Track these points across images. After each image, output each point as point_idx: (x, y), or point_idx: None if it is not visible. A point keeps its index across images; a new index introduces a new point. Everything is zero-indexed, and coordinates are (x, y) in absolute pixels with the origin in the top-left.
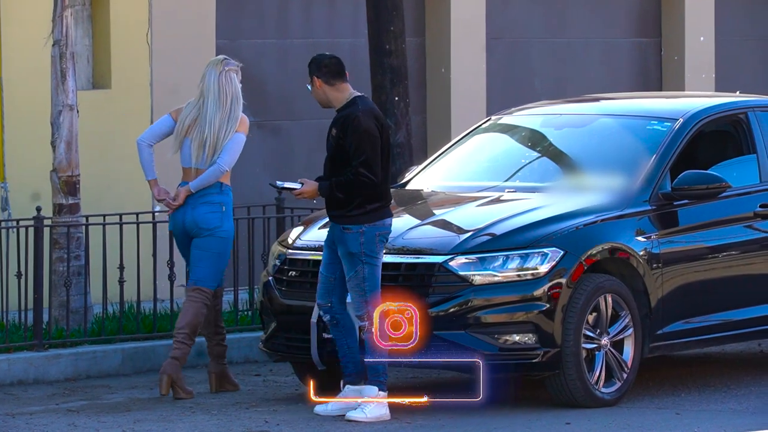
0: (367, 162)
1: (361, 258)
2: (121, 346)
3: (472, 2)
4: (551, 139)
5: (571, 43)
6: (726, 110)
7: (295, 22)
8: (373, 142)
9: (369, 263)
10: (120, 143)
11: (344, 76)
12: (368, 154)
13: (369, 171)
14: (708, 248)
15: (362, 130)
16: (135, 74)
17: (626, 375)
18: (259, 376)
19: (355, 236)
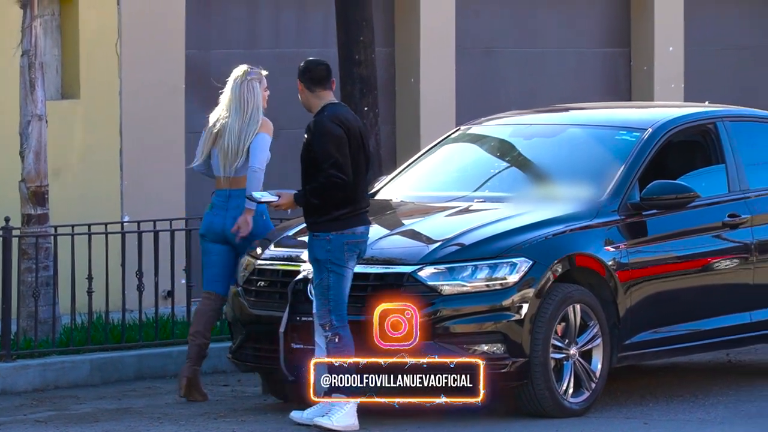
0: (337, 163)
1: (326, 266)
2: (89, 356)
3: (442, 12)
4: (520, 149)
5: (541, 53)
6: (695, 120)
7: (264, 32)
8: (338, 143)
9: (334, 272)
10: (89, 153)
11: (326, 84)
12: (336, 156)
13: (340, 171)
14: (676, 258)
15: (325, 133)
16: (104, 84)
17: (594, 385)
18: (227, 387)
19: (322, 243)
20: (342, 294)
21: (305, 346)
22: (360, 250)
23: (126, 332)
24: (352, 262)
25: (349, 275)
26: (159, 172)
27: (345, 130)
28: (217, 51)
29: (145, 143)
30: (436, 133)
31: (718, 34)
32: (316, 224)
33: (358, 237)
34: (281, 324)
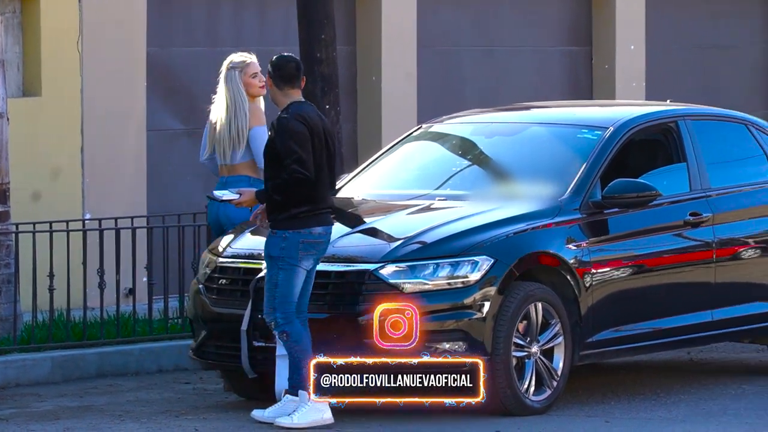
0: (300, 159)
1: (278, 263)
2: (50, 354)
3: (403, 10)
4: (482, 148)
5: (503, 51)
6: (656, 119)
7: (225, 30)
8: (300, 140)
9: (284, 269)
10: (51, 151)
11: (294, 83)
12: (298, 151)
13: (302, 167)
14: (638, 256)
15: (288, 131)
16: (65, 82)
17: (556, 383)
18: (189, 384)
19: (277, 240)
20: (290, 293)
21: (267, 344)
22: (317, 250)
23: (87, 330)
24: (307, 262)
25: (301, 275)
26: (120, 170)
27: (308, 129)
28: (179, 49)
29: (107, 141)
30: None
31: (679, 32)
32: (276, 222)
33: (315, 237)
34: (243, 322)
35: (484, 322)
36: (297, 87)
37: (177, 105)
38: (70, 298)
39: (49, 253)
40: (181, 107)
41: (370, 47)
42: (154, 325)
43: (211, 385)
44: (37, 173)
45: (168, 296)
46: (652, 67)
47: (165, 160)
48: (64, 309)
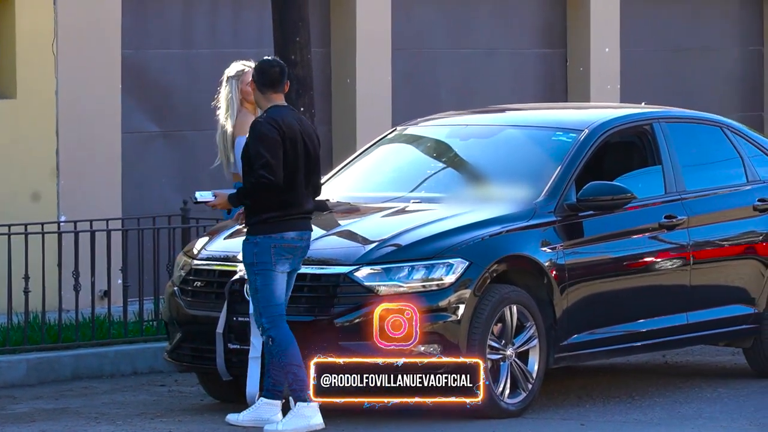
0: (267, 164)
1: (253, 268)
2: (25, 356)
3: (378, 13)
4: (457, 150)
5: (477, 53)
6: (631, 121)
7: (200, 32)
8: (270, 145)
9: (261, 274)
10: (25, 153)
11: (276, 88)
12: (267, 156)
13: (269, 173)
14: (613, 259)
15: (258, 134)
16: (40, 84)
17: (531, 386)
18: (164, 387)
19: (250, 246)
20: (271, 297)
21: (242, 346)
22: (293, 255)
23: (62, 332)
24: (282, 266)
25: (280, 279)
26: (96, 172)
27: (280, 133)
28: (154, 51)
29: (82, 143)
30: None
31: (654, 34)
32: (248, 226)
33: (288, 242)
34: (218, 324)
35: (459, 325)
36: (280, 91)
37: (152, 107)
38: (45, 300)
39: (24, 255)
40: (156, 109)
41: (345, 49)
42: (129, 327)
43: (186, 388)
44: (12, 175)
45: (143, 298)
46: (627, 70)
47: (140, 162)
48: (39, 311)
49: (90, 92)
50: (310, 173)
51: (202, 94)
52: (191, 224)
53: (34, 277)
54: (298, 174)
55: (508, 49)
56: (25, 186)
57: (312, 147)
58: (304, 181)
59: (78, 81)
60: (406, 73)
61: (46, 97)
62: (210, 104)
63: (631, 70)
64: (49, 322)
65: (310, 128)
